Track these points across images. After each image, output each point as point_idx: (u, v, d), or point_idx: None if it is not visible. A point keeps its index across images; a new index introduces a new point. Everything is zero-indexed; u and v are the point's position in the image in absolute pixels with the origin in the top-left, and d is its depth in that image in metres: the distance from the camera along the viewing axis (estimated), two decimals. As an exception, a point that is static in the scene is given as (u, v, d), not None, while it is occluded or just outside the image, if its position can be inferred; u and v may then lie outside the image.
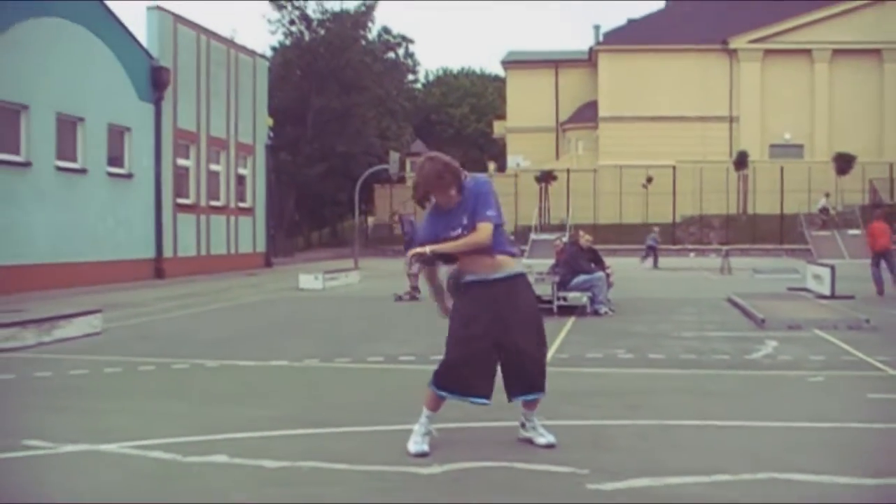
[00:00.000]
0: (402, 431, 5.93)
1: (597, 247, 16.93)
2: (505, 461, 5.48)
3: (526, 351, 5.69)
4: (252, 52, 35.67)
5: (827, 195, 46.64)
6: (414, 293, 18.18)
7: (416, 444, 5.70)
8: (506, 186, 51.58)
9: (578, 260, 15.43)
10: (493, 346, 5.62)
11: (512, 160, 61.85)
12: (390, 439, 6.03)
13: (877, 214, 23.65)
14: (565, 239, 20.36)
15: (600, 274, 15.30)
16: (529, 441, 5.92)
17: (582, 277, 15.10)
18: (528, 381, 5.77)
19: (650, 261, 34.13)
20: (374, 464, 5.44)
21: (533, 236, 42.39)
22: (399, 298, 18.37)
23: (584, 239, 16.24)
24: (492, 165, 63.70)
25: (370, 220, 57.45)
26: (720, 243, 43.37)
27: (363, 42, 54.83)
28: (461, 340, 5.63)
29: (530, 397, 5.85)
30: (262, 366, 9.67)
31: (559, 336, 12.04)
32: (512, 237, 42.83)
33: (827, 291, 18.50)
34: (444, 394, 5.70)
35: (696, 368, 9.26)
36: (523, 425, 6.02)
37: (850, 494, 4.84)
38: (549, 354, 10.20)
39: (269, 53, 48.52)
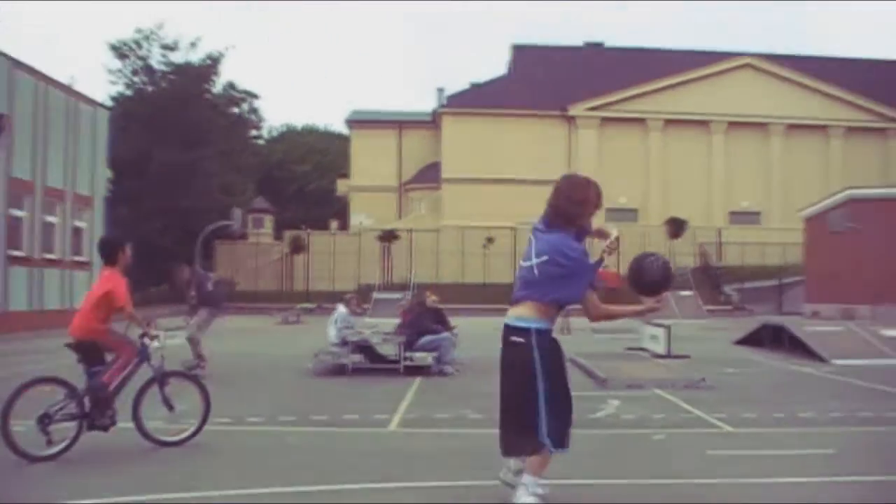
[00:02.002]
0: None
1: (439, 306, 17.08)
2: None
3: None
4: (92, 101, 34.78)
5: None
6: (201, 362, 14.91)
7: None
8: (349, 245, 51.73)
9: (424, 320, 15.55)
10: None
11: (355, 219, 61.97)
12: None
13: None
14: (409, 298, 20.37)
15: (446, 334, 15.45)
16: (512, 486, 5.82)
17: (428, 338, 15.19)
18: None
19: None
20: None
21: (376, 295, 42.51)
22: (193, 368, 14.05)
23: (431, 299, 16.40)
24: (334, 224, 63.64)
25: (212, 276, 56.39)
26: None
27: (208, 96, 54.24)
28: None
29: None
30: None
31: (407, 397, 12.08)
32: (356, 296, 42.94)
33: (663, 351, 19.16)
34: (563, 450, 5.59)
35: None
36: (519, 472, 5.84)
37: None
38: (401, 414, 10.31)
39: (108, 103, 47.33)
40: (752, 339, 22.35)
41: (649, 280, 5.64)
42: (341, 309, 16.68)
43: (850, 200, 37.51)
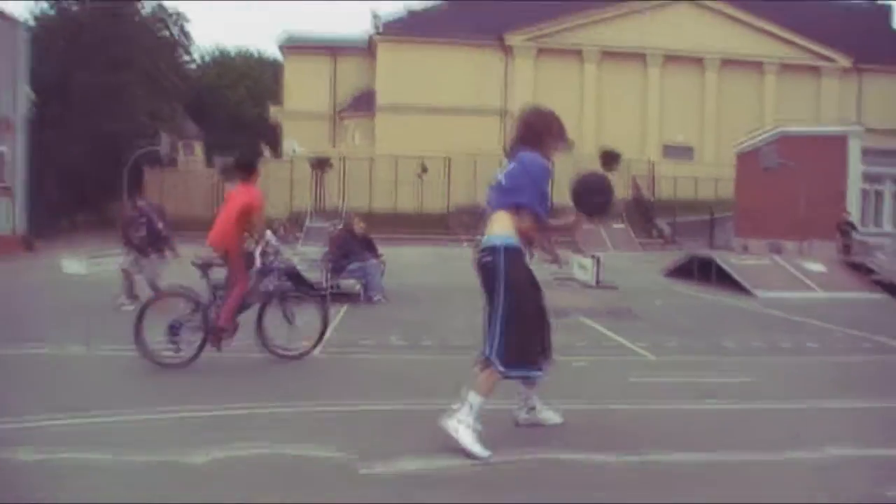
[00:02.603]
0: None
1: (372, 235, 16.90)
2: (272, 448, 5.34)
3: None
4: (11, 19, 33.46)
5: None
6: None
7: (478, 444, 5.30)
8: (280, 172, 51.01)
9: (352, 247, 15.36)
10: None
11: (288, 146, 61.06)
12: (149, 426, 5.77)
13: None
14: (340, 226, 20.09)
15: (374, 261, 15.30)
16: (539, 425, 5.91)
17: (355, 264, 15.04)
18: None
19: None
20: (132, 454, 5.18)
21: (308, 223, 42.16)
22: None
23: (359, 226, 16.19)
24: (267, 150, 62.68)
25: (140, 203, 55.24)
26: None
27: (136, 17, 52.67)
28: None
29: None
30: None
31: (331, 323, 11.92)
32: (286, 223, 42.51)
33: (591, 281, 19.24)
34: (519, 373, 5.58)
35: (466, 354, 9.19)
36: (533, 408, 5.96)
37: (613, 471, 4.98)
38: (322, 343, 10.16)
39: (31, 22, 45.71)
40: (681, 272, 22.53)
41: (596, 194, 5.81)
42: (269, 236, 16.38)
43: (780, 137, 37.86)
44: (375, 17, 61.07)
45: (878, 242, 31.14)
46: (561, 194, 6.35)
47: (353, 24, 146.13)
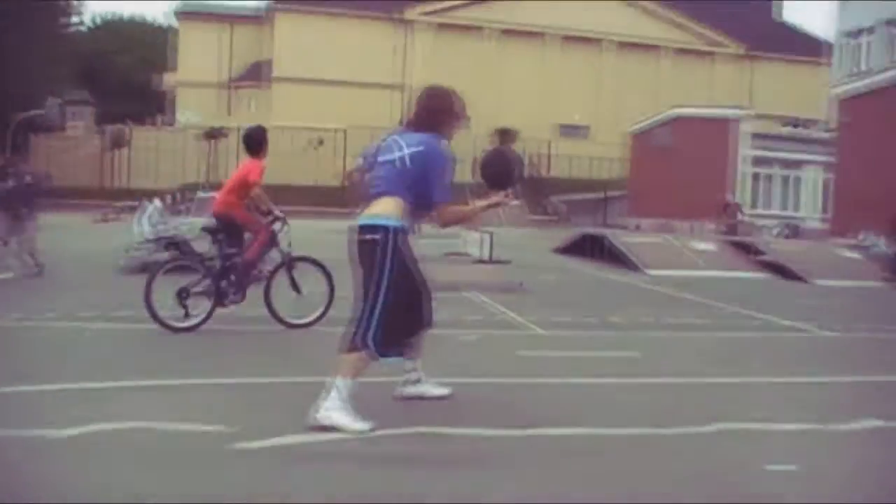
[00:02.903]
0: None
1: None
2: (151, 421, 5.11)
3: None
4: None
5: None
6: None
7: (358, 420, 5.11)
8: (173, 142, 49.97)
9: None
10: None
11: (181, 115, 59.80)
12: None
13: None
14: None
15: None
16: (423, 397, 5.82)
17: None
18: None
19: None
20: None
21: (200, 193, 41.28)
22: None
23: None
24: (160, 119, 61.31)
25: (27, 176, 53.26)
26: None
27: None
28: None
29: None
30: None
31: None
32: (178, 195, 41.59)
33: (484, 256, 19.20)
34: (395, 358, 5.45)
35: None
36: (417, 381, 5.85)
37: (498, 445, 4.90)
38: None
39: None
40: (573, 249, 22.75)
41: (513, 169, 5.81)
42: (157, 203, 16.05)
43: (675, 119, 38.55)
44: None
45: (767, 224, 32.01)
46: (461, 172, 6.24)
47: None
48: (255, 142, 9.46)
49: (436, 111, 5.47)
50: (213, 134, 49.68)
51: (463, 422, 5.31)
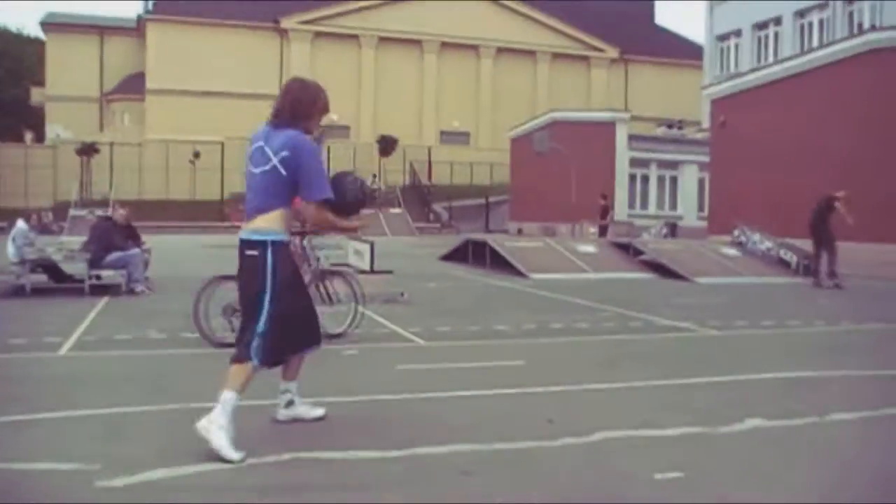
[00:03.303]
0: None
1: (141, 224, 16.02)
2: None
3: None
4: None
5: (374, 175, 48.20)
6: None
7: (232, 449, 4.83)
8: (44, 159, 48.37)
9: (112, 236, 14.43)
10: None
11: (51, 130, 57.82)
12: None
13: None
14: (101, 213, 18.83)
15: (136, 251, 14.44)
16: (299, 420, 5.61)
17: (116, 255, 14.15)
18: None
19: None
20: None
21: (73, 212, 40.03)
22: None
23: (118, 214, 15.29)
24: (29, 135, 59.16)
25: None
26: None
27: None
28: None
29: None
30: None
31: (87, 318, 11.12)
32: (50, 215, 40.22)
33: (367, 266, 18.99)
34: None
35: (226, 348, 8.58)
36: (291, 402, 5.61)
37: (374, 468, 4.67)
38: (78, 336, 9.42)
39: None
40: (457, 256, 22.65)
41: (351, 199, 5.49)
42: (21, 225, 15.30)
43: (553, 122, 38.96)
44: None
45: (646, 223, 32.55)
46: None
47: (124, 4, 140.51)
48: None
49: (302, 102, 5.29)
50: (86, 150, 48.18)
51: (338, 444, 5.06)
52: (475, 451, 5.00)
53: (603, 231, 28.76)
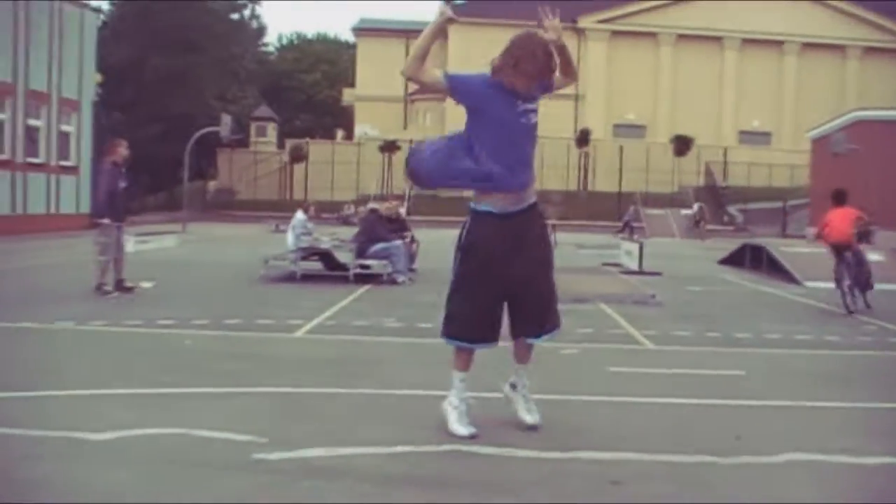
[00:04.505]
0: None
1: (430, 218, 16.67)
2: (184, 427, 5.07)
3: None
4: (80, 4, 33.87)
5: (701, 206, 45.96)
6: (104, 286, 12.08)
7: (460, 426, 5.09)
8: (349, 155, 51.13)
9: (377, 228, 15.10)
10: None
11: (359, 129, 61.16)
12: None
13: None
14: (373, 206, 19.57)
15: (398, 242, 15.02)
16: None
17: (380, 245, 14.78)
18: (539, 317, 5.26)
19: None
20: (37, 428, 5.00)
21: (371, 205, 42.04)
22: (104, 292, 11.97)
23: (385, 207, 15.96)
24: (340, 133, 62.93)
25: (211, 184, 55.78)
26: (557, 218, 43.71)
27: (209, 1, 53.15)
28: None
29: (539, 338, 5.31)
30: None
31: (340, 303, 11.68)
32: (352, 208, 42.45)
33: (635, 267, 18.72)
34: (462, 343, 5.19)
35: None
36: (514, 386, 5.41)
37: (523, 467, 4.57)
38: (320, 320, 9.90)
39: (105, 7, 46.49)
40: (736, 259, 21.80)
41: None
42: (299, 215, 16.34)
43: (856, 122, 36.59)
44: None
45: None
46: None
47: (429, 7, 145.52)
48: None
49: (509, 52, 5.09)
50: (388, 147, 50.55)
51: (503, 440, 5.01)
52: (638, 460, 4.78)
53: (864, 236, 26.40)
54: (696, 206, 44.06)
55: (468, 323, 5.13)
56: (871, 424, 5.88)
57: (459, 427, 5.06)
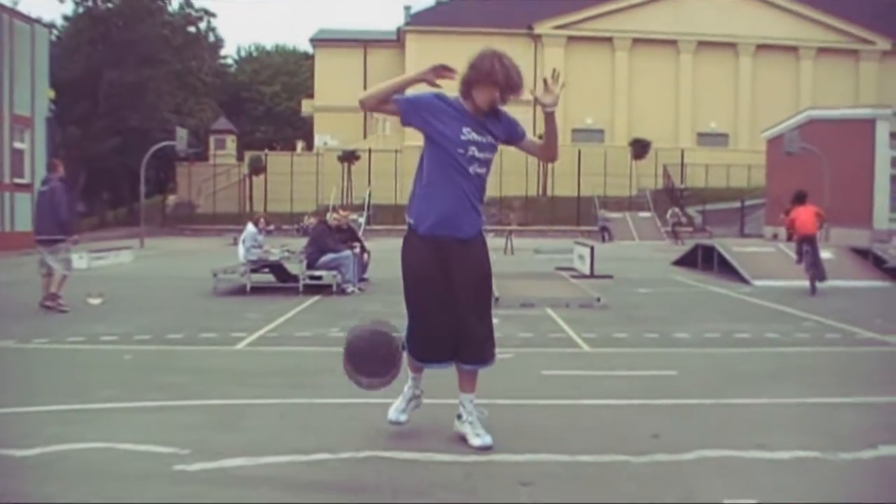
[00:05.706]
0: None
1: (392, 227, 16.73)
2: (109, 442, 5.14)
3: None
4: (29, 19, 33.63)
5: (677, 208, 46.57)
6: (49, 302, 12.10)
7: (395, 410, 5.38)
8: (308, 166, 51.02)
9: (325, 239, 15.12)
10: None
11: (319, 139, 61.10)
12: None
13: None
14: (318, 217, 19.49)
15: (347, 252, 15.06)
16: (463, 439, 5.20)
17: (329, 256, 14.81)
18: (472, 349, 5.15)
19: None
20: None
21: (313, 217, 42.09)
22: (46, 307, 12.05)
23: (332, 217, 16.00)
24: (300, 144, 62.83)
25: (171, 198, 55.38)
26: (518, 224, 43.96)
27: (165, 14, 52.92)
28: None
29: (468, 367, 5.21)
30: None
31: (286, 315, 11.73)
32: (313, 220, 42.39)
33: (587, 271, 18.87)
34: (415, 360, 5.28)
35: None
36: (459, 416, 5.30)
37: (437, 471, 4.66)
38: (263, 332, 9.93)
39: (59, 22, 46.16)
40: (688, 260, 22.05)
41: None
42: (250, 228, 16.34)
43: (809, 121, 37.02)
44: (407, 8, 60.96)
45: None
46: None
47: (387, 19, 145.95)
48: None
49: (470, 66, 5.25)
50: (347, 156, 50.55)
51: (422, 446, 5.11)
52: (552, 461, 4.88)
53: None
54: (670, 212, 44.54)
55: (415, 339, 5.24)
56: (793, 420, 5.98)
57: (392, 410, 5.35)
